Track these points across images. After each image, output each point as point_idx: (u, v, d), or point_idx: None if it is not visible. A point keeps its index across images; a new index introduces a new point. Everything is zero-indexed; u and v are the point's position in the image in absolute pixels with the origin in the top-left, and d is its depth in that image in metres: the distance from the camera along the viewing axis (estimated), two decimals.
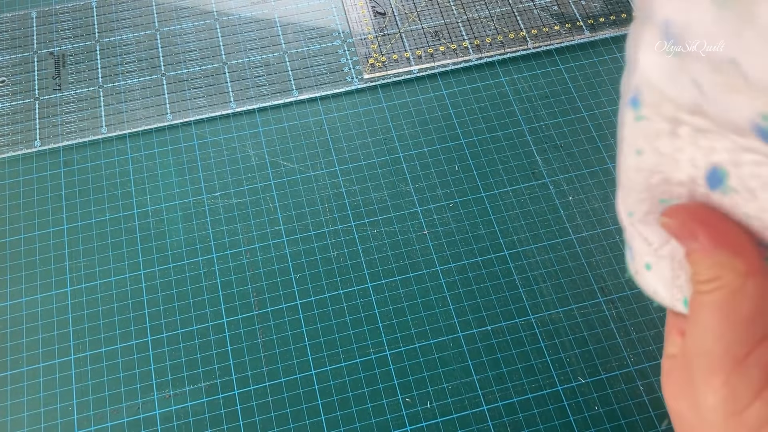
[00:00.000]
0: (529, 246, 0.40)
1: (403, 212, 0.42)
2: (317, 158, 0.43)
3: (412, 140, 0.44)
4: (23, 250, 0.40)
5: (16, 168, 0.43)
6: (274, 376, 0.37)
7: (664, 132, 0.17)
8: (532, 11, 0.49)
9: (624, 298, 0.39)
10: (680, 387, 0.18)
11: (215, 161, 0.43)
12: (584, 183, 0.42)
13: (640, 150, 0.18)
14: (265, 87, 0.46)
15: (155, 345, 0.38)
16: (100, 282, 0.39)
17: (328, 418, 0.35)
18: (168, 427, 0.35)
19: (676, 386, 0.18)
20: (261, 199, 0.42)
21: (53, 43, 0.48)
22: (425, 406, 0.36)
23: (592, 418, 0.35)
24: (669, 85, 0.16)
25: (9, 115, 0.45)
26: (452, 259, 0.40)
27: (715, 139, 0.16)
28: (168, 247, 0.40)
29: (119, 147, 0.44)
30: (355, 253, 0.40)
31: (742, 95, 0.15)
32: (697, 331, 0.17)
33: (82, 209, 0.42)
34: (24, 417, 0.36)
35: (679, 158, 0.17)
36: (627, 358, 0.37)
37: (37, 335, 0.38)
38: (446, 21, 0.49)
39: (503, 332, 0.38)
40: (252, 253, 0.40)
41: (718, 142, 0.16)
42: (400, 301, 0.39)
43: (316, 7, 0.50)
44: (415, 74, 0.47)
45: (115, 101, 0.45)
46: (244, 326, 0.38)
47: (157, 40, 0.48)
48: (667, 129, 0.17)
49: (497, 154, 0.43)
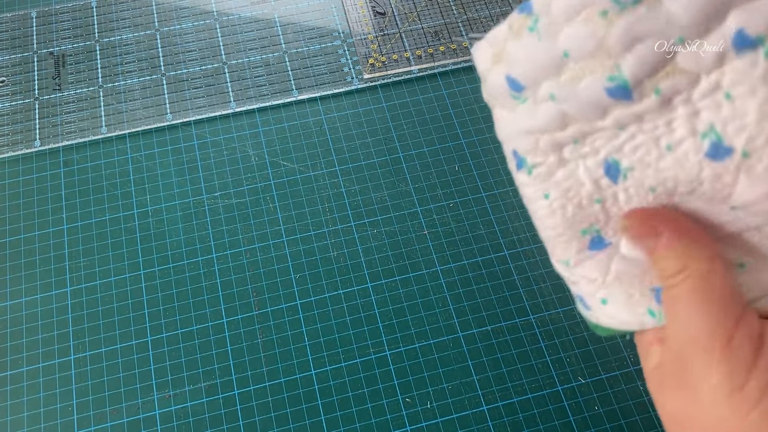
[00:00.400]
0: (529, 246, 0.40)
1: (403, 212, 0.42)
2: (317, 158, 0.43)
3: (412, 140, 0.44)
4: (23, 250, 0.40)
5: (16, 168, 0.43)
6: (274, 376, 0.37)
7: (554, 164, 0.19)
8: None
9: None
10: (673, 387, 0.18)
11: (215, 161, 0.43)
12: None
13: (546, 193, 0.19)
14: (265, 87, 0.46)
15: (155, 345, 0.38)
16: (100, 282, 0.39)
17: (328, 418, 0.35)
18: (168, 427, 0.35)
19: (669, 389, 0.19)
20: (261, 199, 0.42)
21: (53, 43, 0.48)
22: (425, 406, 0.36)
23: (592, 418, 0.35)
24: (530, 122, 0.18)
25: (9, 115, 0.45)
26: (452, 259, 0.40)
27: (592, 139, 0.18)
28: (168, 247, 0.40)
29: (119, 147, 0.44)
30: (355, 253, 0.40)
31: (585, 78, 0.17)
32: (679, 324, 0.18)
33: (82, 209, 0.42)
34: (24, 417, 0.36)
35: (578, 176, 0.19)
36: (627, 358, 0.37)
37: (37, 335, 0.38)
38: (446, 21, 0.49)
39: (503, 332, 0.38)
40: (252, 253, 0.40)
41: (596, 140, 0.18)
42: (400, 301, 0.39)
43: (316, 7, 0.50)
44: (415, 74, 0.47)
45: (115, 101, 0.45)
46: (244, 326, 0.38)
47: (157, 40, 0.48)
48: (555, 160, 0.19)
49: (497, 154, 0.43)
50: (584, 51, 0.16)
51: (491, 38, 0.19)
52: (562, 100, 0.17)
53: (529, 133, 0.19)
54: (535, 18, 0.17)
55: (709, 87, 0.16)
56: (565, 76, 0.17)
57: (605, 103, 0.17)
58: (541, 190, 0.19)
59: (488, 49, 0.19)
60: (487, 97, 0.20)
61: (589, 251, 0.20)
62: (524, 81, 0.18)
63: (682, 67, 0.16)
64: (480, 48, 0.19)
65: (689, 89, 0.16)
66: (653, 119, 0.17)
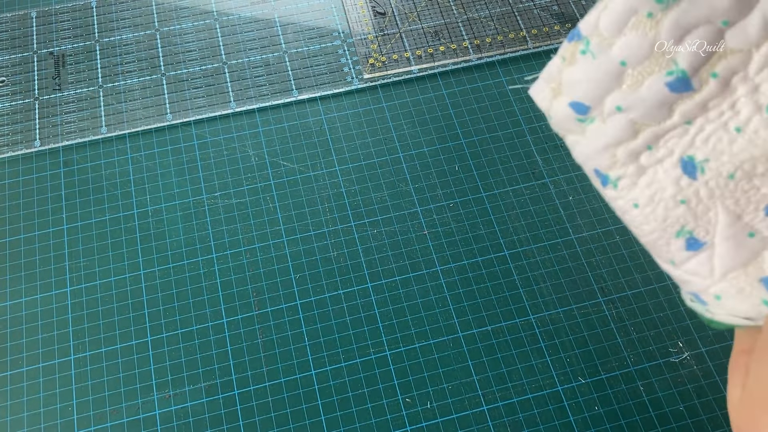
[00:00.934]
0: (529, 246, 0.40)
1: (403, 212, 0.42)
2: (317, 158, 0.43)
3: (412, 140, 0.44)
4: (23, 250, 0.40)
5: (16, 168, 0.43)
6: (274, 376, 0.37)
7: (634, 174, 0.20)
8: (532, 11, 0.49)
9: (624, 298, 0.39)
10: None
11: (215, 161, 0.43)
12: (584, 183, 0.42)
13: (635, 203, 0.20)
14: (265, 87, 0.46)
15: (155, 345, 0.38)
16: (100, 282, 0.39)
17: (328, 419, 0.35)
18: (168, 427, 0.35)
19: None
20: (261, 199, 0.42)
21: (53, 43, 0.48)
22: (425, 406, 0.36)
23: (592, 418, 0.35)
24: (603, 139, 0.19)
25: (9, 115, 0.45)
26: (452, 259, 0.40)
27: (664, 141, 0.19)
28: (168, 247, 0.40)
29: (119, 147, 0.44)
30: (355, 253, 0.40)
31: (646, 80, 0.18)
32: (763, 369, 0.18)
33: (82, 209, 0.42)
34: (24, 417, 0.36)
35: (659, 180, 0.19)
36: (627, 358, 0.37)
37: (37, 335, 0.38)
38: (446, 21, 0.49)
39: (503, 332, 0.38)
40: (252, 253, 0.40)
41: (668, 141, 0.19)
42: (400, 301, 0.39)
43: (316, 7, 0.50)
44: (415, 74, 0.47)
45: (115, 101, 0.45)
46: (244, 326, 0.38)
47: (157, 40, 0.48)
48: (634, 170, 0.20)
49: (497, 154, 0.43)
50: (640, 55, 0.18)
51: (546, 75, 0.20)
52: (629, 108, 0.18)
53: (604, 149, 0.20)
54: (585, 41, 0.18)
55: (762, 60, 0.17)
56: (626, 84, 0.18)
57: (669, 100, 0.18)
58: (630, 201, 0.20)
59: (545, 86, 0.20)
60: (556, 129, 0.21)
61: (687, 252, 0.20)
62: (588, 101, 0.19)
63: (732, 47, 0.17)
64: (537, 88, 0.20)
65: (744, 67, 0.17)
66: (717, 105, 0.18)
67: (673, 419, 0.35)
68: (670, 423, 0.35)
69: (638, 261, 0.40)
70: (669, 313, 0.38)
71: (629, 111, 0.18)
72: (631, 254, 0.40)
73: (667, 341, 0.37)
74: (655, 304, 0.38)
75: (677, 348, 0.37)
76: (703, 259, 0.20)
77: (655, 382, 0.36)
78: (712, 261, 0.20)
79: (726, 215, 0.19)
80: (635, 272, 0.39)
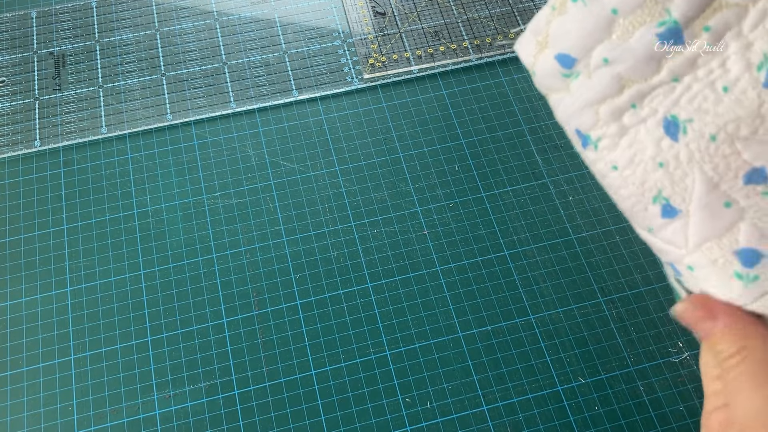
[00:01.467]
0: (529, 246, 0.40)
1: (403, 212, 0.42)
2: (317, 158, 0.43)
3: (412, 140, 0.44)
4: (23, 250, 0.40)
5: (16, 168, 0.43)
6: (274, 376, 0.37)
7: (616, 134, 0.19)
8: (532, 11, 0.49)
9: (624, 298, 0.39)
10: None
11: (215, 161, 0.43)
12: (584, 183, 0.42)
13: (614, 165, 0.20)
14: (265, 87, 0.46)
15: (155, 345, 0.38)
16: (100, 282, 0.39)
17: (328, 418, 0.35)
18: (168, 427, 0.35)
19: None
20: (261, 199, 0.42)
21: (53, 43, 0.48)
22: (425, 406, 0.36)
23: (592, 418, 0.35)
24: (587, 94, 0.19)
25: (9, 115, 0.45)
26: (452, 259, 0.40)
27: (649, 99, 0.18)
28: (168, 247, 0.40)
29: (119, 147, 0.44)
30: (355, 253, 0.40)
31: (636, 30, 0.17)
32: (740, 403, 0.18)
33: (82, 209, 0.42)
34: (24, 417, 0.36)
35: (640, 140, 0.19)
36: (627, 358, 0.37)
37: (37, 335, 0.38)
38: (446, 21, 0.49)
39: (503, 332, 0.38)
40: (252, 253, 0.40)
41: (653, 99, 0.18)
42: (400, 301, 0.39)
43: (316, 7, 0.50)
44: (415, 74, 0.47)
45: (115, 101, 0.45)
46: (244, 326, 0.38)
47: (157, 40, 0.48)
48: (616, 129, 0.19)
49: (497, 154, 0.43)
50: (632, 3, 0.17)
51: (533, 27, 0.19)
52: (616, 61, 0.18)
53: (587, 106, 0.19)
54: None
55: (758, 16, 0.16)
56: (616, 34, 0.18)
57: (659, 55, 0.17)
58: (609, 163, 0.20)
59: (532, 39, 0.19)
60: (539, 86, 0.20)
61: (662, 219, 0.20)
62: (575, 53, 0.19)
63: (728, 1, 0.16)
64: (522, 41, 0.20)
65: (739, 22, 0.16)
66: (707, 62, 0.17)
67: (673, 419, 0.35)
68: (670, 423, 0.35)
69: (638, 261, 0.40)
70: (669, 313, 0.38)
71: (616, 64, 0.18)
72: (631, 254, 0.40)
73: (667, 341, 0.37)
74: (655, 304, 0.38)
75: (677, 348, 0.37)
76: (677, 228, 0.20)
77: (655, 382, 0.36)
78: (686, 230, 0.20)
79: (703, 183, 0.19)
80: (635, 272, 0.39)
